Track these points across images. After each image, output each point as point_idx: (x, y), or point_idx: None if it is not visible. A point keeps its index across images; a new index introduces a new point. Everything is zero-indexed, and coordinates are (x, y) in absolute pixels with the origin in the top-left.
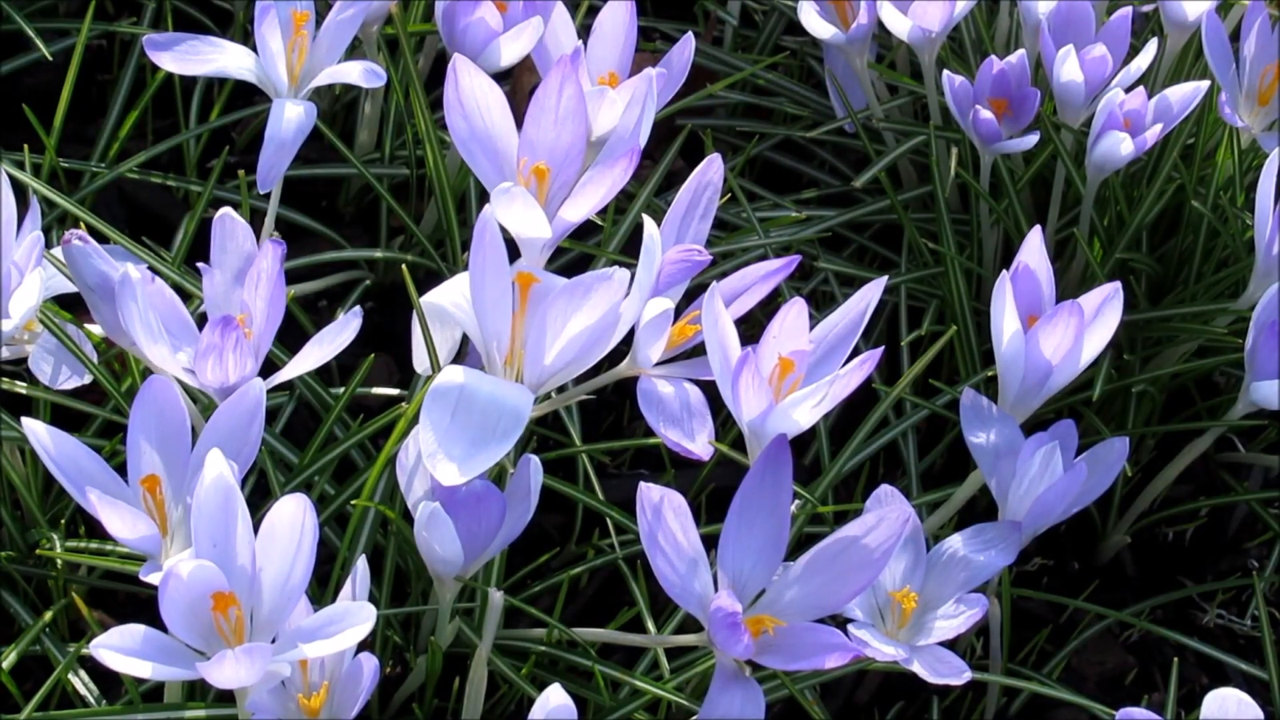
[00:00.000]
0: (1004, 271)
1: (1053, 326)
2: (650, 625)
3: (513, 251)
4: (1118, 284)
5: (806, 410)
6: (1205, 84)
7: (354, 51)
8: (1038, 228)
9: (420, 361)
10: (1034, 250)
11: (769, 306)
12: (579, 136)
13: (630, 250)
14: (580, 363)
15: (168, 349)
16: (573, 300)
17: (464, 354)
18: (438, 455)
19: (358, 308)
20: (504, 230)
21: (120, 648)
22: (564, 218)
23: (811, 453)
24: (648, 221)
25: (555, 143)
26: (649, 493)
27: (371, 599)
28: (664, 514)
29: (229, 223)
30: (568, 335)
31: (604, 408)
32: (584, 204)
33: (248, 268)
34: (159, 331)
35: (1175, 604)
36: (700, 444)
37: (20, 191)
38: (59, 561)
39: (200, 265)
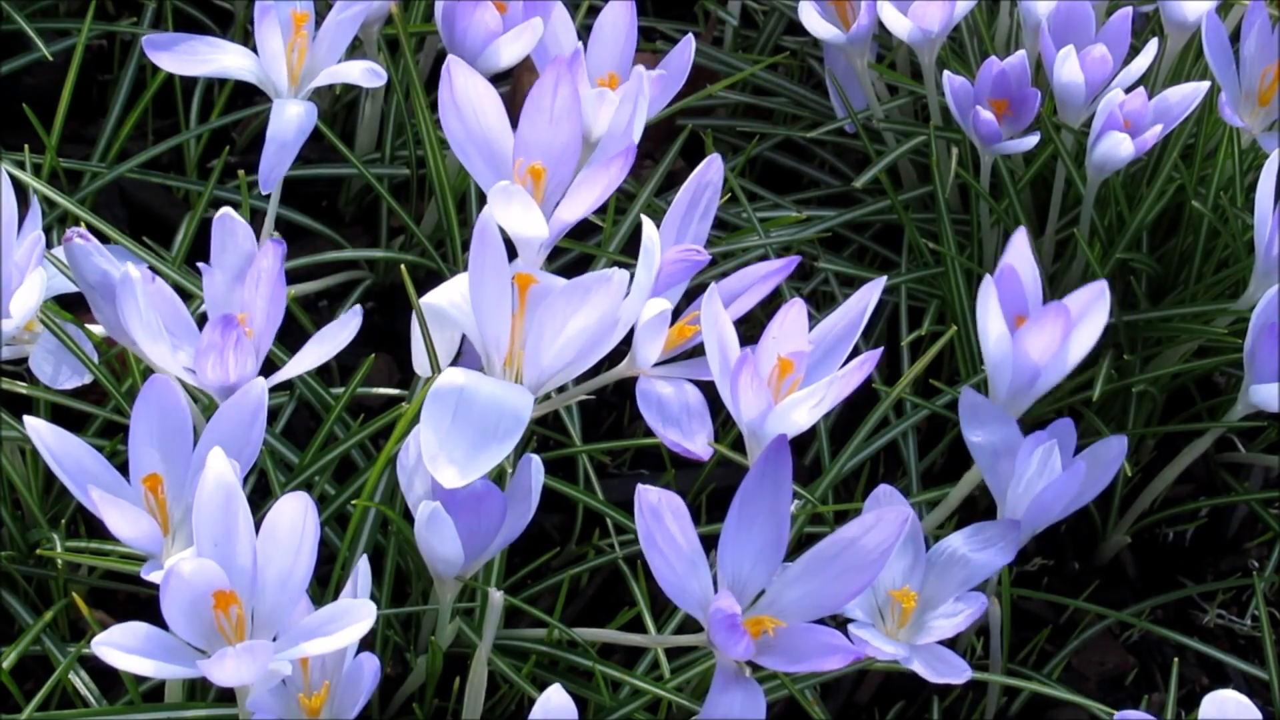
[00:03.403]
0: (988, 275)
1: (1039, 328)
2: (650, 625)
3: (511, 252)
4: (1103, 283)
5: (805, 411)
6: (1205, 84)
7: (354, 51)
8: (1022, 229)
9: (421, 363)
10: (1019, 252)
11: (769, 307)
12: (574, 136)
13: (630, 250)
14: (580, 364)
15: (168, 348)
16: (572, 301)
17: (462, 354)
18: (439, 457)
19: (358, 306)
20: (502, 232)
21: (122, 645)
22: (560, 217)
23: (811, 453)
24: (647, 222)
25: (551, 143)
26: (647, 494)
27: (372, 599)
28: (662, 515)
29: (229, 222)
30: (567, 336)
31: (604, 408)
32: (580, 203)
33: (248, 267)
34: (159, 331)
35: (1175, 604)
36: (700, 444)
37: (21, 191)
38: (59, 561)
39: (200, 265)
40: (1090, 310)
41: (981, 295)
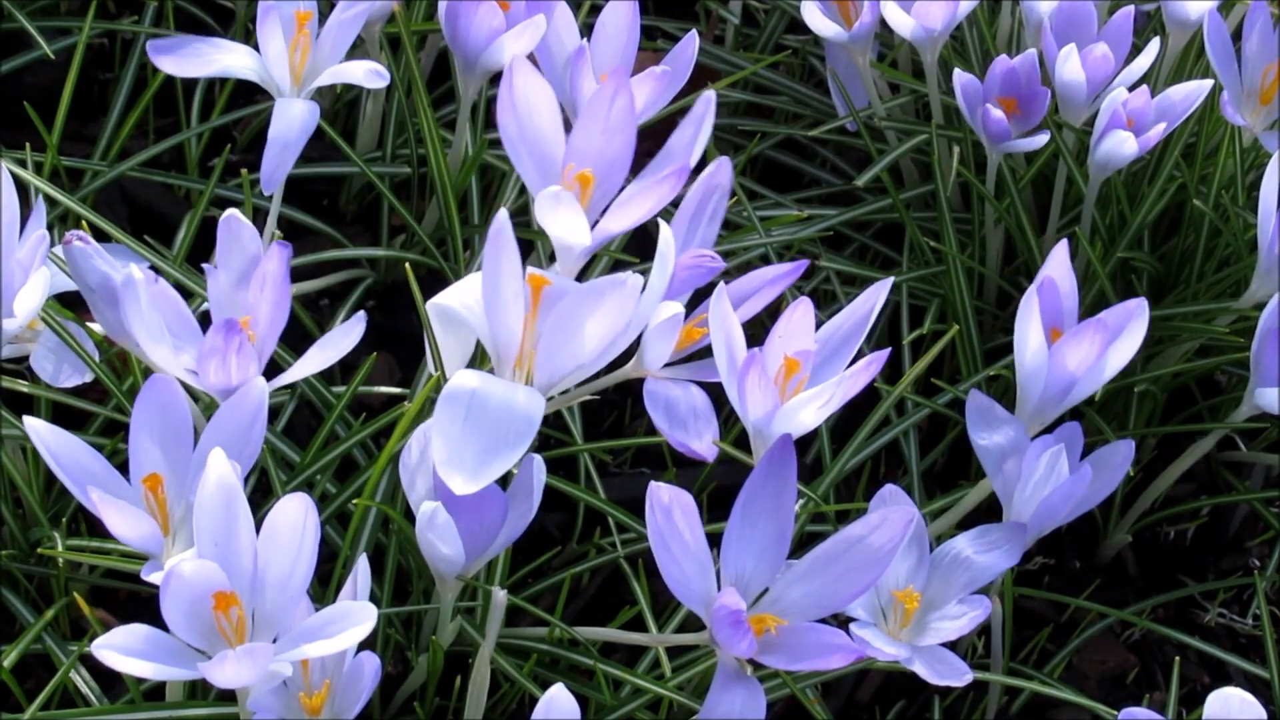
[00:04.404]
0: (1031, 286)
1: (1077, 342)
2: (652, 624)
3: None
4: (1142, 301)
5: (812, 411)
6: (1208, 83)
7: (356, 50)
8: (1064, 242)
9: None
10: (1059, 264)
11: (771, 307)
12: (627, 147)
13: (631, 249)
14: (591, 367)
15: (170, 351)
16: (586, 304)
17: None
18: (450, 464)
19: (361, 312)
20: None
21: (122, 647)
22: (606, 228)
23: (813, 451)
24: (663, 226)
25: (603, 151)
26: (659, 492)
27: (373, 598)
28: (672, 513)
29: (234, 224)
30: (580, 340)
31: (606, 406)
32: (628, 216)
33: (252, 269)
34: (162, 333)
35: (1177, 603)
36: (705, 445)
37: (22, 190)
38: (60, 560)
39: (205, 266)
40: (1128, 326)
41: (1023, 306)
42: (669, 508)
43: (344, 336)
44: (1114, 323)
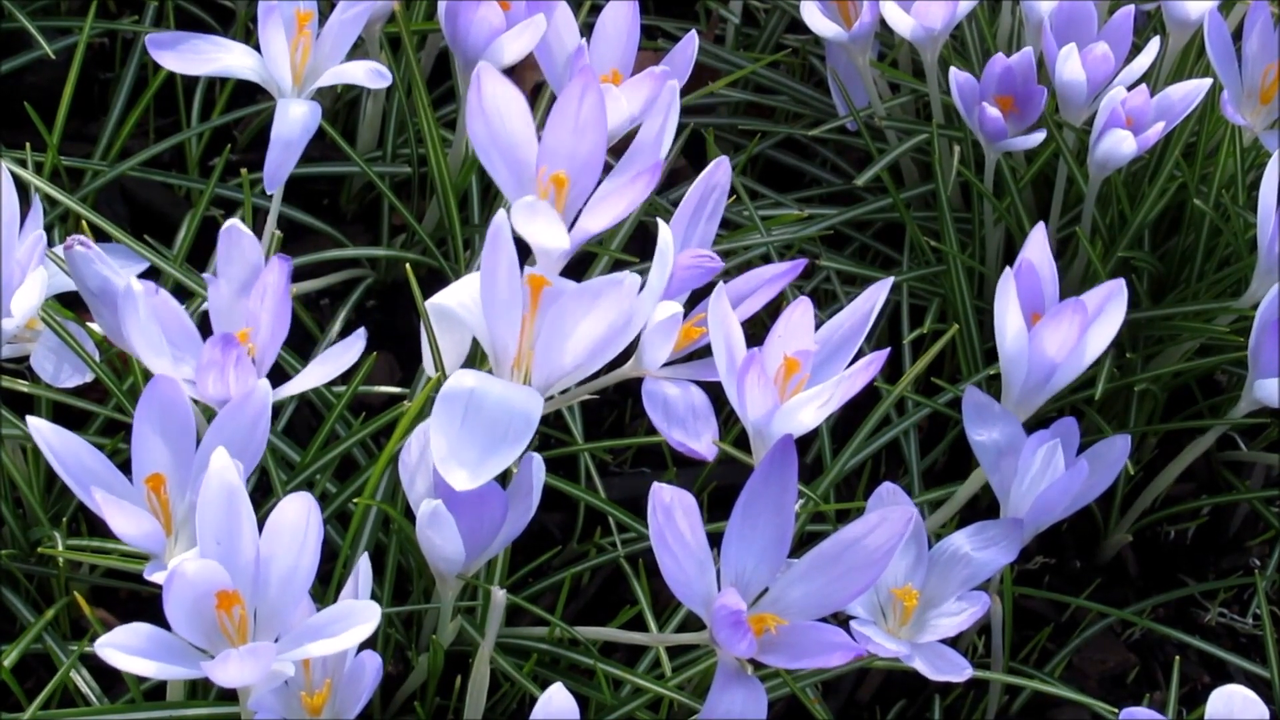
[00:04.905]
0: (1007, 269)
1: (1056, 324)
2: (652, 624)
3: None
4: (1121, 281)
5: (812, 410)
6: (1208, 82)
7: (356, 50)
8: (1041, 224)
9: (431, 363)
10: (1037, 247)
11: (771, 307)
12: (598, 145)
13: (631, 248)
14: (589, 366)
15: (169, 361)
16: (583, 304)
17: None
18: (449, 460)
19: (361, 329)
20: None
21: (124, 646)
22: (583, 228)
23: (813, 451)
24: (662, 226)
25: (574, 151)
26: (661, 493)
27: (373, 597)
28: (674, 514)
29: (235, 234)
30: (578, 339)
31: (606, 406)
32: (603, 216)
33: (254, 278)
34: (161, 344)
35: (1177, 602)
36: (705, 445)
37: (22, 190)
38: (60, 559)
39: (206, 276)
40: (1106, 309)
41: (1000, 290)
42: (670, 508)
43: (343, 352)
44: (1093, 304)
